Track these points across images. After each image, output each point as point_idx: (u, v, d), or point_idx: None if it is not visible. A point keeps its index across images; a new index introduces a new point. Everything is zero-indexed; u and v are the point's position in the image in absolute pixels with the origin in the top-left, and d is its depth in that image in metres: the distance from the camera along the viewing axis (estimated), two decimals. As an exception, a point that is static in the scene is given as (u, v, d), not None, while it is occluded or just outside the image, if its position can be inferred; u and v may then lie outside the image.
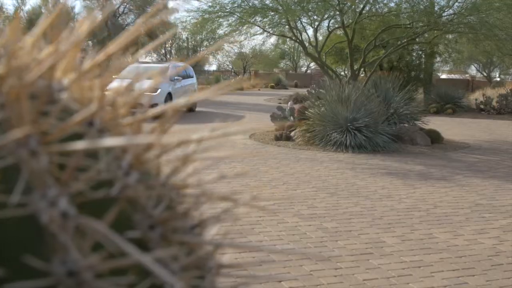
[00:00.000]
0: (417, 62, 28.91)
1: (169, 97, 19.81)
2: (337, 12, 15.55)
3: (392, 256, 5.62)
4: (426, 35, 17.61)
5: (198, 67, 45.89)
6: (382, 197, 8.29)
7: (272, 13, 15.36)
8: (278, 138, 14.10)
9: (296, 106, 15.48)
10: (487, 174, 10.39)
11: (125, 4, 33.34)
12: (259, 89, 46.42)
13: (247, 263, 0.70)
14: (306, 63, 65.96)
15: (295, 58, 64.38)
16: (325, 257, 5.48)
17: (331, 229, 6.52)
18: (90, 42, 34.85)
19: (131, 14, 34.27)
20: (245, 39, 17.74)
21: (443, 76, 46.20)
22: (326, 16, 16.40)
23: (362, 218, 7.03)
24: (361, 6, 15.43)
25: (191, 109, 22.19)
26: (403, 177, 9.88)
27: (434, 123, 16.65)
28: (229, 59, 57.54)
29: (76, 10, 37.22)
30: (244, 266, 0.70)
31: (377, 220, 6.97)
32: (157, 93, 18.12)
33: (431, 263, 5.45)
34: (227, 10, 15.54)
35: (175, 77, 21.82)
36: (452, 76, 46.91)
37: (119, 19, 33.54)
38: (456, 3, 15.44)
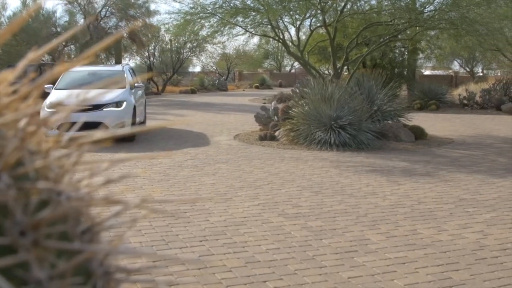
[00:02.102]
0: (400, 59, 29.01)
1: (134, 112, 14.34)
2: (319, 11, 15.55)
3: (376, 253, 5.63)
4: (408, 32, 17.66)
5: (182, 69, 45.78)
6: (367, 195, 8.30)
7: (254, 13, 15.34)
8: (262, 138, 14.09)
9: (280, 106, 15.48)
10: (471, 169, 10.44)
11: (107, 7, 33.17)
12: (243, 90, 46.40)
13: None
14: (290, 63, 65.97)
15: (279, 57, 64.33)
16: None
17: (315, 228, 6.51)
18: (72, 47, 34.69)
19: (113, 17, 34.11)
20: (228, 39, 17.70)
21: (427, 72, 46.40)
22: (307, 15, 16.40)
23: (346, 216, 7.03)
24: (343, 4, 15.45)
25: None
26: (388, 174, 9.90)
27: (418, 119, 16.72)
28: (213, 60, 57.40)
29: (58, 14, 37.03)
30: (145, 271, 0.68)
31: (361, 217, 6.98)
32: (122, 107, 13.74)
33: (416, 259, 5.46)
34: (208, 11, 15.51)
35: (138, 84, 16.29)
36: (436, 72, 47.12)
37: (101, 22, 33.35)
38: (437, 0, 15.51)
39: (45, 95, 12.01)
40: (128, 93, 14.21)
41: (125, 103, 13.78)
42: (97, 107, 12.98)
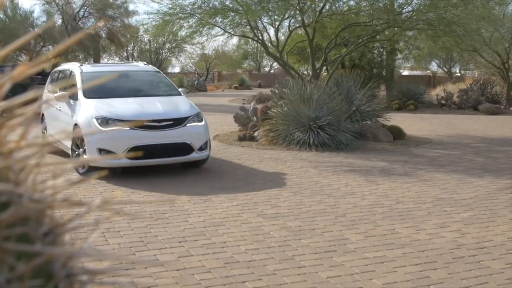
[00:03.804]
0: (379, 59, 29.16)
1: None
2: (297, 12, 15.58)
3: (355, 253, 5.65)
4: (386, 33, 17.75)
5: (161, 69, 45.60)
6: (345, 195, 8.33)
7: (233, 14, 15.33)
8: (241, 139, 14.07)
9: (259, 106, 15.48)
10: (449, 169, 10.52)
11: (85, 7, 32.96)
12: (222, 90, 46.34)
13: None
14: (269, 63, 65.97)
15: (258, 58, 64.38)
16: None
17: (294, 228, 6.52)
18: (50, 47, 34.41)
19: (91, 18, 33.89)
20: (207, 40, 17.66)
21: (405, 72, 46.66)
22: (286, 15, 16.43)
23: (325, 216, 7.05)
24: (321, 5, 15.49)
25: None
26: (366, 174, 9.95)
27: (396, 119, 16.81)
28: (192, 60, 57.26)
29: (36, 14, 36.74)
30: (111, 272, 0.67)
31: (340, 217, 7.00)
32: (204, 122, 10.35)
33: (394, 258, 5.49)
34: (187, 11, 15.46)
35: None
36: (414, 72, 47.41)
37: (79, 23, 33.14)
38: (415, 0, 15.61)
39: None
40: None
41: (202, 115, 10.44)
42: (178, 122, 9.72)
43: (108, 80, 10.58)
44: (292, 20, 17.22)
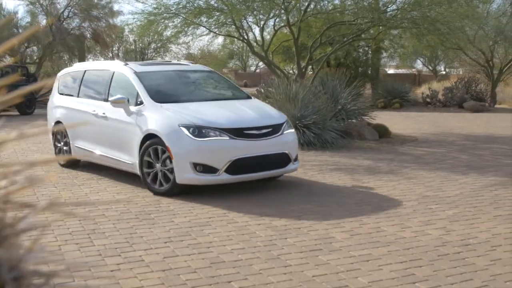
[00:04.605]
0: (364, 58, 29.27)
1: None
2: (282, 11, 15.60)
3: (341, 251, 5.66)
4: (371, 31, 17.83)
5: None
6: (331, 193, 8.34)
7: (218, 13, 15.32)
8: (227, 138, 14.03)
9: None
10: (434, 166, 10.56)
11: (70, 8, 32.77)
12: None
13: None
14: (255, 63, 65.98)
15: (244, 57, 64.38)
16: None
17: (280, 227, 6.52)
18: (35, 48, 34.20)
19: (76, 18, 33.68)
20: (192, 40, 17.62)
21: (390, 71, 46.90)
22: (271, 14, 16.44)
23: (311, 215, 7.05)
24: (306, 4, 15.52)
25: None
26: (352, 172, 9.97)
27: (382, 117, 16.86)
28: (178, 60, 57.14)
29: (20, 15, 36.52)
30: (56, 275, 0.67)
31: (326, 216, 7.01)
32: (293, 129, 9.35)
33: (379, 256, 5.50)
34: (172, 11, 15.43)
35: None
36: (399, 71, 47.62)
37: (64, 23, 32.94)
38: (399, -1, 15.67)
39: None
40: None
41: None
42: (276, 129, 8.57)
43: (167, 82, 9.73)
44: (277, 19, 17.25)
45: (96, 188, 8.78)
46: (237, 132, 8.08)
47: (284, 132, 8.64)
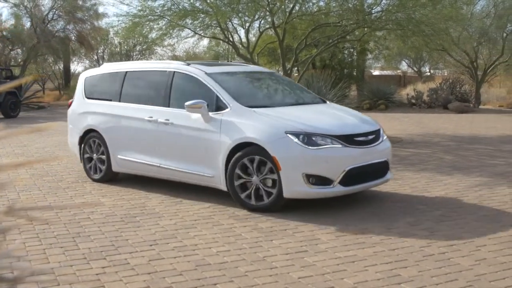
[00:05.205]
0: (349, 59, 29.37)
1: None
2: (267, 13, 15.59)
3: (326, 253, 5.66)
4: (356, 33, 17.85)
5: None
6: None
7: (203, 15, 15.29)
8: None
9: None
10: (419, 167, 10.60)
11: (54, 10, 32.59)
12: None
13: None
14: (241, 64, 65.99)
15: (229, 59, 64.34)
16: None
17: (266, 229, 6.52)
18: (19, 50, 34.01)
19: (61, 20, 33.52)
20: (177, 42, 17.58)
21: (376, 72, 46.98)
22: (256, 16, 16.43)
23: (297, 216, 7.05)
24: (291, 6, 15.52)
25: None
26: (338, 174, 9.96)
27: (367, 119, 16.85)
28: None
29: (3, 17, 36.27)
30: (21, 281, 0.66)
31: (312, 217, 7.01)
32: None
33: (365, 257, 5.51)
34: (156, 13, 15.38)
35: None
36: (384, 72, 47.75)
37: (48, 25, 32.77)
38: (384, 0, 15.70)
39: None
40: None
41: None
42: (377, 135, 7.94)
43: (242, 84, 8.89)
44: (262, 21, 17.22)
45: (81, 191, 8.74)
46: (348, 140, 7.36)
47: (383, 139, 8.02)
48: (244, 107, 7.70)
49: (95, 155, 9.43)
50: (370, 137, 7.69)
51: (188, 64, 8.69)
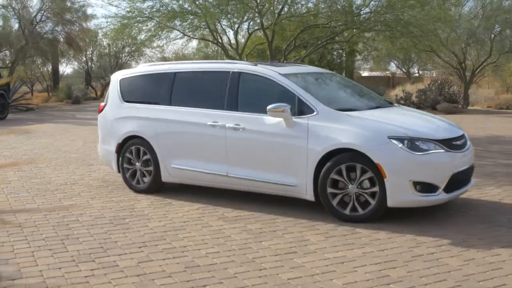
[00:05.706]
0: (338, 60, 29.44)
1: None
2: (256, 14, 15.60)
3: (315, 254, 5.67)
4: (345, 34, 17.90)
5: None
6: (306, 196, 8.35)
7: (192, 17, 15.27)
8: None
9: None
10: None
11: (43, 11, 32.48)
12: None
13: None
14: (230, 66, 65.98)
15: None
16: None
17: (255, 231, 6.52)
18: (7, 52, 33.86)
19: (49, 22, 33.40)
20: (166, 43, 17.54)
21: (365, 73, 47.13)
22: (245, 18, 16.42)
23: (286, 218, 7.05)
24: (280, 7, 15.53)
25: None
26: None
27: (356, 120, 16.87)
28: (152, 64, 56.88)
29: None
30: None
31: (300, 219, 7.01)
32: None
33: (354, 258, 5.52)
34: (145, 15, 15.36)
35: None
36: (373, 73, 47.91)
37: (37, 27, 32.65)
38: (372, 2, 15.73)
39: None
40: None
41: None
42: (466, 140, 7.68)
43: (318, 86, 8.32)
44: (251, 23, 17.23)
45: (70, 193, 8.70)
46: (448, 144, 7.01)
47: (470, 143, 7.70)
48: (334, 110, 7.16)
49: (137, 163, 8.66)
50: (462, 141, 7.42)
51: (256, 64, 8.06)
